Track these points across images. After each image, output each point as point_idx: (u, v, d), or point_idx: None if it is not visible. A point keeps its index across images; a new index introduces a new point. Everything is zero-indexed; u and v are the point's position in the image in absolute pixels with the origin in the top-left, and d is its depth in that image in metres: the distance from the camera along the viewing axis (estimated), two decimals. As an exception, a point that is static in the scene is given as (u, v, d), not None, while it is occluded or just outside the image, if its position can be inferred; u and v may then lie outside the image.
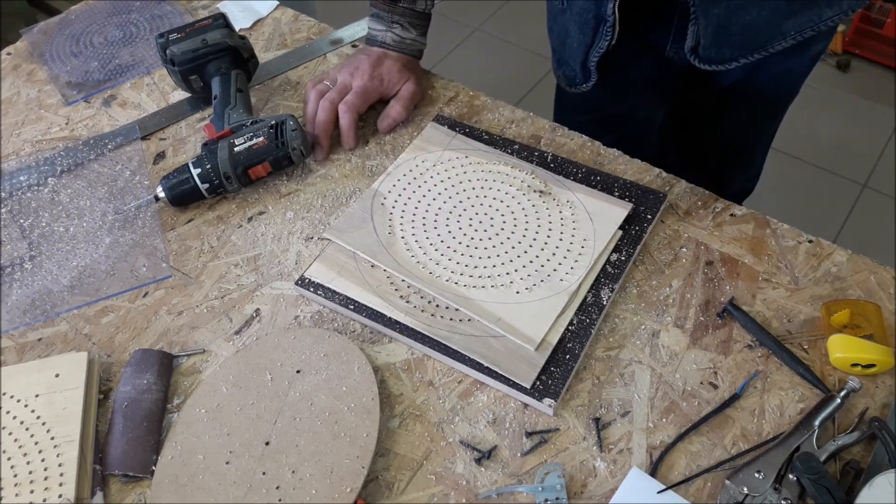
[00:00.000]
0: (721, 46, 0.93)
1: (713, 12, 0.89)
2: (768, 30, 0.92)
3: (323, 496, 0.65)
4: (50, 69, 1.11)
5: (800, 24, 0.92)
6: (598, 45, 0.97)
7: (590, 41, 0.98)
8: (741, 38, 0.92)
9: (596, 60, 0.99)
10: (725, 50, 0.93)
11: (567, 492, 0.66)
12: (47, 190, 0.94)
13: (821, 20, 0.91)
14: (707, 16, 0.89)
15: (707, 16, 0.89)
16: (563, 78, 1.09)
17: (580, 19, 0.98)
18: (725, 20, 0.90)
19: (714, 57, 0.94)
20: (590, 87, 1.04)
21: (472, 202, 0.87)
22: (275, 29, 1.15)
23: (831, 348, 0.73)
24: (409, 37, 1.00)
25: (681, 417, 0.71)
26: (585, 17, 0.97)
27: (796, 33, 0.92)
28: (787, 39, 0.93)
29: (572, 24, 1.00)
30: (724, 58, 0.94)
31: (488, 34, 2.68)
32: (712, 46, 0.92)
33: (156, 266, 0.85)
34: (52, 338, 0.81)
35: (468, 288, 0.79)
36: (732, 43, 0.92)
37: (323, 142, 0.95)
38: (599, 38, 0.96)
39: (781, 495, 0.64)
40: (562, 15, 1.03)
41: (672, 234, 0.85)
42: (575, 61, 1.03)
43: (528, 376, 0.72)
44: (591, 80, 1.02)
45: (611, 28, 0.93)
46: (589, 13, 0.96)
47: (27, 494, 0.66)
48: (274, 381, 0.73)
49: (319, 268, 0.82)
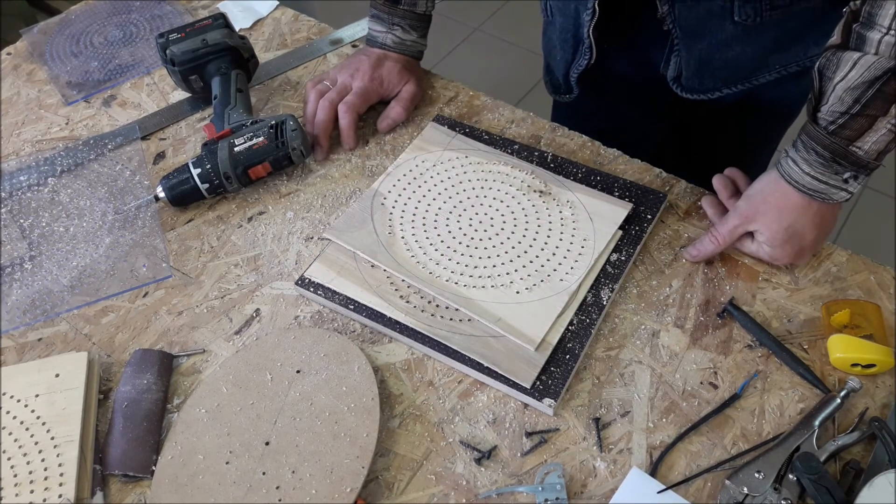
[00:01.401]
0: (704, 78, 0.93)
1: (696, 47, 0.89)
2: (752, 64, 0.92)
3: (323, 496, 0.65)
4: (50, 69, 1.11)
5: (785, 58, 0.92)
6: (578, 62, 0.98)
7: (570, 58, 1.00)
8: (724, 72, 0.92)
9: (576, 76, 1.00)
10: (708, 81, 0.93)
11: (567, 492, 0.66)
12: (47, 190, 0.94)
13: (806, 56, 0.91)
14: (689, 50, 0.90)
15: (689, 50, 0.90)
16: (549, 85, 1.11)
17: (561, 36, 1.00)
18: (708, 55, 0.90)
19: (697, 87, 0.94)
20: (573, 99, 1.05)
21: (472, 202, 0.87)
22: (275, 29, 1.15)
23: (831, 348, 0.73)
24: (409, 38, 1.00)
25: (681, 417, 0.71)
26: (565, 35, 0.99)
27: (781, 67, 0.92)
28: (771, 73, 0.93)
29: (556, 38, 1.01)
30: (707, 88, 0.94)
31: (488, 34, 2.68)
32: (695, 77, 0.93)
33: (156, 266, 0.85)
34: (52, 338, 0.81)
35: (468, 288, 0.79)
36: (715, 76, 0.93)
37: (322, 142, 0.95)
38: (579, 56, 0.97)
39: (781, 495, 0.64)
40: (550, 27, 1.04)
41: (672, 234, 0.85)
42: (559, 73, 1.05)
43: (528, 376, 0.72)
44: (574, 93, 1.03)
45: (588, 49, 0.94)
46: (568, 32, 0.98)
47: (27, 494, 0.66)
48: (274, 381, 0.73)
49: (319, 268, 0.82)
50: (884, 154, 0.71)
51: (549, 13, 1.03)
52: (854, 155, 0.71)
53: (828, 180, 0.73)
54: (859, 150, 0.71)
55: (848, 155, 0.71)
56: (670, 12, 0.86)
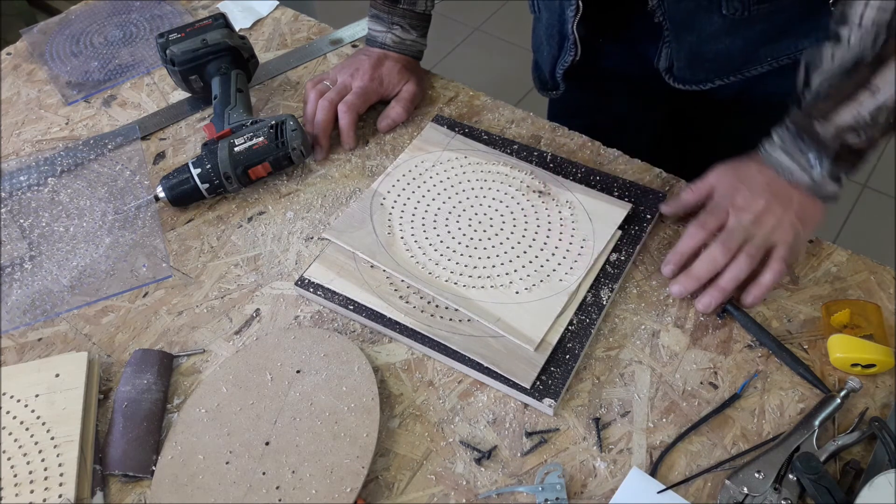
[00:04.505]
0: (695, 69, 0.93)
1: (686, 39, 0.90)
2: (742, 56, 0.92)
3: (323, 496, 0.65)
4: (50, 69, 1.11)
5: (776, 51, 0.92)
6: (564, 58, 0.98)
7: (556, 53, 1.00)
8: (715, 64, 0.92)
9: (562, 72, 1.00)
10: (700, 72, 0.93)
11: (567, 492, 0.66)
12: (47, 190, 0.94)
13: (797, 49, 0.91)
14: (680, 41, 0.90)
15: (680, 41, 0.90)
16: (537, 81, 1.11)
17: (547, 32, 1.00)
18: (698, 47, 0.91)
19: (689, 78, 0.94)
20: (560, 95, 1.05)
21: (472, 202, 0.87)
22: (275, 29, 1.15)
23: (831, 348, 0.73)
24: (409, 38, 1.00)
25: (681, 417, 0.71)
26: (551, 31, 0.99)
27: (772, 59, 0.93)
28: (762, 65, 0.93)
29: (543, 34, 1.02)
30: (699, 79, 0.94)
31: (488, 34, 2.68)
32: (686, 69, 0.93)
33: (156, 266, 0.85)
34: (52, 338, 0.81)
35: (467, 288, 0.79)
36: (706, 67, 0.93)
37: (322, 142, 0.95)
38: (564, 53, 0.97)
39: (781, 495, 0.64)
40: (537, 23, 1.04)
41: (672, 233, 0.85)
42: (545, 69, 1.05)
43: (527, 376, 0.72)
44: (560, 90, 1.03)
45: (573, 45, 0.94)
46: (553, 28, 0.98)
47: (27, 494, 0.66)
48: (274, 381, 0.73)
49: (319, 268, 0.82)
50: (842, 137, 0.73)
51: (537, 9, 1.03)
52: (815, 132, 0.74)
53: (793, 154, 0.77)
54: (820, 128, 0.74)
55: (810, 131, 0.75)
56: (660, 5, 0.86)
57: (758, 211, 0.76)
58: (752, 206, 0.77)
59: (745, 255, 0.75)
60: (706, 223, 0.78)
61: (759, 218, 0.76)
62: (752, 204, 0.77)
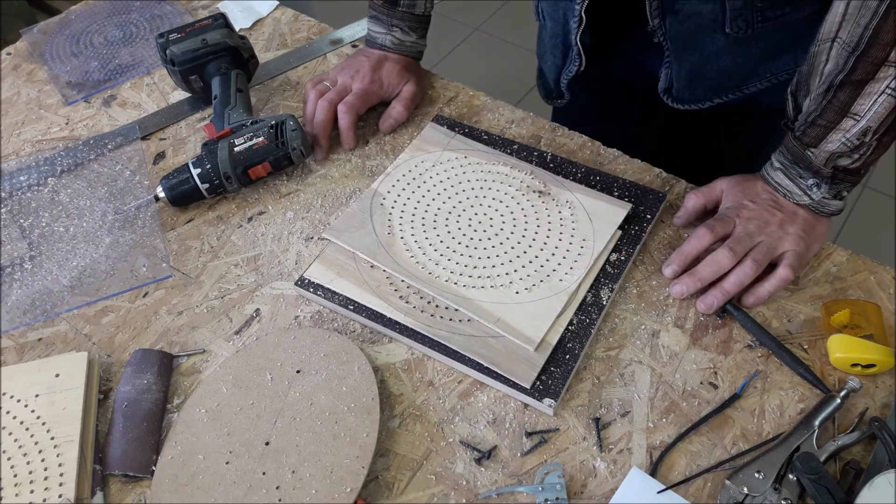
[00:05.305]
0: (695, 89, 0.93)
1: (687, 59, 0.90)
2: (742, 73, 0.92)
3: (323, 496, 0.65)
4: (50, 69, 1.11)
5: (776, 67, 0.92)
6: (568, 68, 0.98)
7: (560, 63, 1.00)
8: (714, 82, 0.92)
9: (567, 81, 0.99)
10: (699, 92, 0.93)
11: (567, 492, 0.66)
12: (47, 190, 0.94)
13: (796, 64, 0.91)
14: (681, 62, 0.90)
15: (681, 62, 0.90)
16: (542, 89, 1.10)
17: (552, 41, 1.00)
18: (699, 67, 0.90)
19: (688, 98, 0.94)
20: (565, 104, 1.04)
21: (472, 202, 0.87)
22: (275, 29, 1.15)
23: (831, 348, 0.73)
24: (409, 40, 1.00)
25: (681, 417, 0.71)
26: (555, 40, 0.99)
27: (772, 76, 0.93)
28: (762, 81, 0.93)
29: (548, 42, 1.01)
30: (698, 98, 0.94)
31: (488, 34, 2.68)
32: (686, 89, 0.93)
33: (156, 266, 0.85)
34: (52, 338, 0.81)
35: (467, 288, 0.79)
36: (706, 86, 0.93)
37: (322, 142, 0.95)
38: (569, 63, 0.97)
39: (781, 495, 0.64)
40: (542, 31, 1.04)
41: (672, 233, 0.85)
42: (550, 77, 1.04)
43: (527, 376, 0.72)
44: (565, 99, 1.03)
45: (577, 55, 0.94)
46: (558, 38, 0.98)
47: (27, 494, 0.66)
48: (274, 381, 0.73)
49: (319, 268, 0.82)
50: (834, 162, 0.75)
51: (542, 17, 1.03)
52: (808, 159, 0.76)
53: (792, 177, 0.79)
54: (812, 156, 0.76)
55: (804, 158, 0.77)
56: (661, 25, 0.86)
57: (765, 221, 0.78)
58: (760, 217, 0.78)
59: (752, 260, 0.76)
60: (715, 228, 0.79)
61: (766, 228, 0.78)
62: (759, 215, 0.78)
